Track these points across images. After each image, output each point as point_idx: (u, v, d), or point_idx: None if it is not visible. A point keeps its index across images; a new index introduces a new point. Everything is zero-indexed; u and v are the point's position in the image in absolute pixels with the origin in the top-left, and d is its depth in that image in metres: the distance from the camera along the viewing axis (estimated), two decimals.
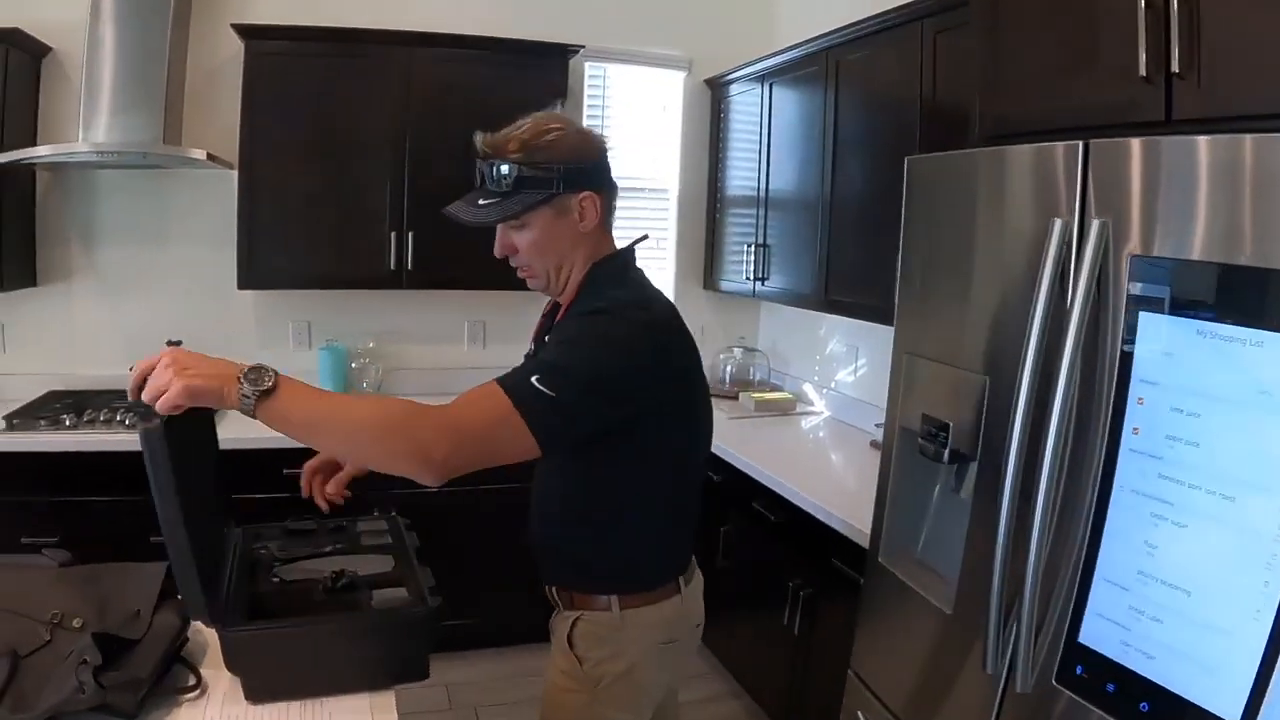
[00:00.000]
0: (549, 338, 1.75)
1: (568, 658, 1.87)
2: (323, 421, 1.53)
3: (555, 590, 1.93)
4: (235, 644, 1.59)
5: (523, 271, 1.82)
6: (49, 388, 4.00)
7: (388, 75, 3.88)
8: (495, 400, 1.52)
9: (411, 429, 1.49)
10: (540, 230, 1.74)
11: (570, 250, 1.78)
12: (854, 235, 3.39)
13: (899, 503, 2.32)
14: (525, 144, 1.68)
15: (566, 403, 1.54)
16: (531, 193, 1.69)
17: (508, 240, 1.77)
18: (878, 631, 2.41)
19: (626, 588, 1.85)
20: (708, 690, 3.83)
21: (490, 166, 1.70)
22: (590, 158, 1.76)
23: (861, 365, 4.03)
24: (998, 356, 1.93)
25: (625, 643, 1.84)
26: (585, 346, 1.63)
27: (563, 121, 1.76)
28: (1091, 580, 1.70)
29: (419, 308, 4.40)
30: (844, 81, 3.44)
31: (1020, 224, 1.88)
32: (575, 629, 1.86)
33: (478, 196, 1.73)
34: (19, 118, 3.69)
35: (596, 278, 1.80)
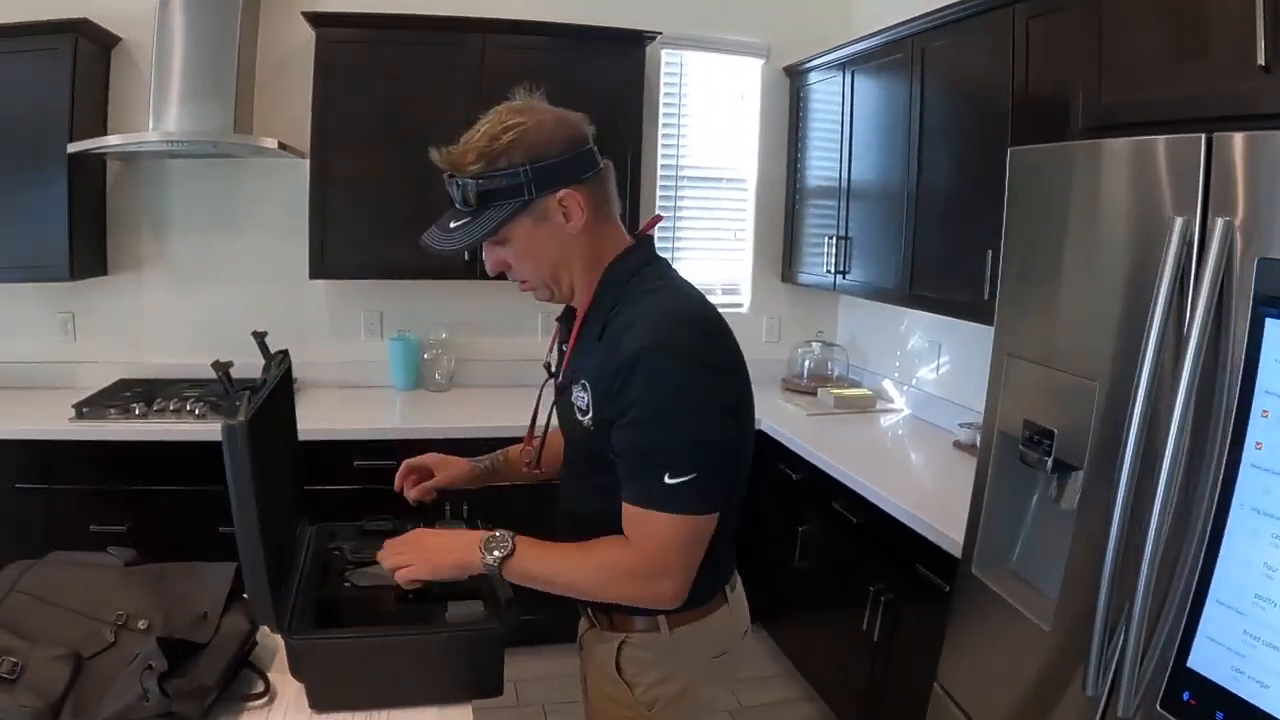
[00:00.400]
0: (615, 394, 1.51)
1: (616, 685, 1.73)
2: (556, 580, 1.57)
3: (592, 609, 1.78)
4: (300, 652, 1.54)
5: (521, 287, 1.66)
6: (119, 376, 4.04)
7: (460, 62, 3.82)
8: (654, 526, 1.49)
9: (625, 589, 1.54)
10: (523, 242, 1.56)
11: (564, 256, 1.60)
12: (940, 228, 3.27)
13: (994, 511, 2.22)
14: (483, 152, 1.50)
15: (702, 467, 1.47)
16: (500, 205, 1.52)
17: (496, 257, 1.61)
18: (967, 644, 2.31)
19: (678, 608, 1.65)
20: (780, 693, 3.75)
21: (452, 184, 1.54)
22: (560, 149, 1.54)
23: (944, 362, 3.91)
24: (1109, 361, 1.82)
25: (677, 663, 1.71)
26: (670, 410, 1.47)
27: (523, 113, 1.54)
28: (1204, 602, 1.61)
29: (492, 299, 4.36)
30: (930, 69, 3.32)
31: (1136, 221, 1.78)
32: (622, 655, 1.72)
33: (449, 219, 1.57)
34: (89, 108, 3.72)
35: (614, 280, 1.62)
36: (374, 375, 4.32)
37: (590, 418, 1.57)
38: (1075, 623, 1.88)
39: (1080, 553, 1.88)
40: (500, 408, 3.96)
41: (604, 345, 1.55)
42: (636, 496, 1.50)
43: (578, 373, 1.61)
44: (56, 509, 3.41)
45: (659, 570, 1.50)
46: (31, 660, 1.46)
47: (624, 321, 1.54)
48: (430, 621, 1.63)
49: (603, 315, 1.59)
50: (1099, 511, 1.77)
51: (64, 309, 4.05)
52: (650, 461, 1.47)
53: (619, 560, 1.52)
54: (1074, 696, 1.86)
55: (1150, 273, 1.66)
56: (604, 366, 1.52)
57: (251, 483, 1.40)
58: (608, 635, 1.74)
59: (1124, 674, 1.70)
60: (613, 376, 1.49)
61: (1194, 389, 1.57)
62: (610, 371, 1.50)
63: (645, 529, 1.49)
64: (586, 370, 1.58)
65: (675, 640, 1.69)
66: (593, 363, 1.57)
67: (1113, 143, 1.85)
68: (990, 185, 2.86)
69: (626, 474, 1.51)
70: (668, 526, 1.47)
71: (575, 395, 1.61)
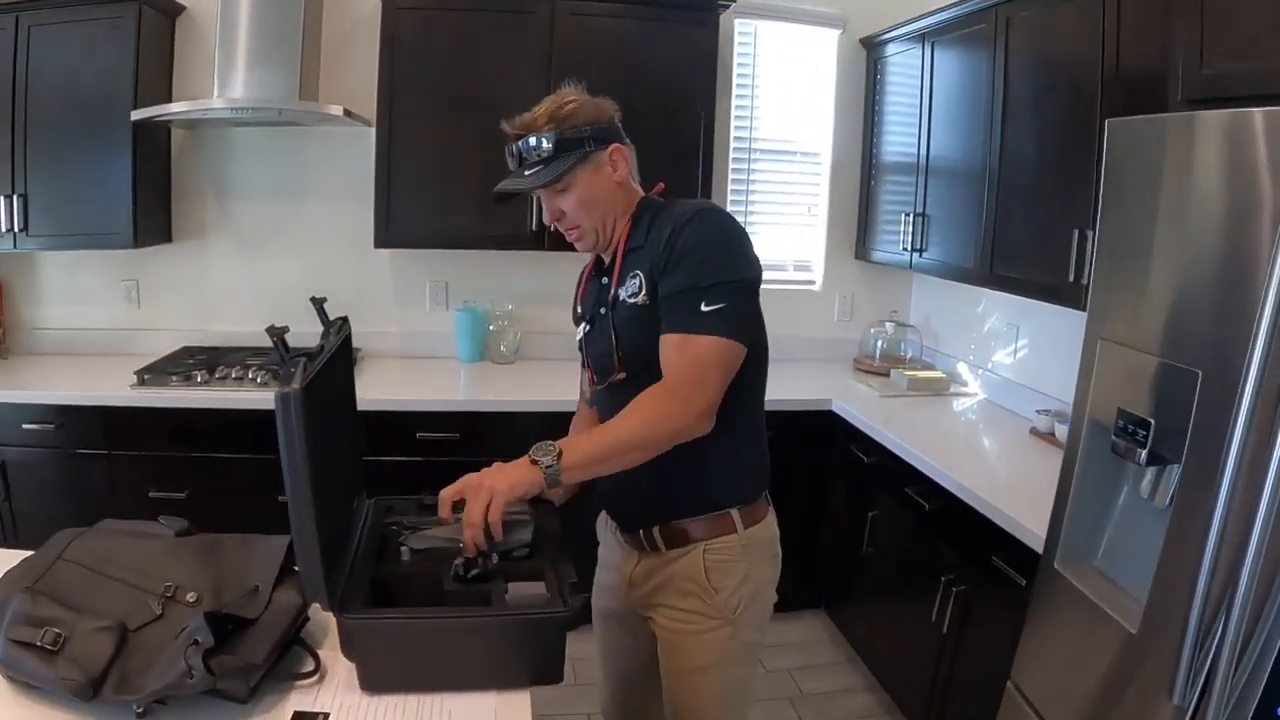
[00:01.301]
0: (666, 259, 1.78)
1: (702, 595, 1.90)
2: (608, 458, 1.71)
3: (661, 532, 1.94)
4: (352, 631, 1.49)
5: (572, 234, 1.93)
6: (182, 344, 4.06)
7: (530, 30, 3.75)
8: (691, 346, 1.72)
9: (665, 424, 1.70)
10: (583, 188, 1.87)
11: (611, 202, 1.90)
12: (1023, 207, 3.13)
13: (1081, 504, 2.11)
14: (553, 116, 1.84)
15: (733, 300, 1.73)
16: (570, 154, 1.84)
17: (554, 206, 1.90)
18: (1046, 644, 2.21)
19: (743, 498, 1.92)
20: (842, 681, 3.67)
21: (524, 143, 1.85)
22: (608, 118, 1.91)
23: (1022, 346, 3.77)
24: (1214, 348, 1.70)
25: (751, 564, 1.93)
26: (713, 248, 1.76)
27: (577, 94, 1.90)
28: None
29: (560, 270, 4.25)
30: (1014, 40, 3.17)
31: (1233, 198, 1.66)
32: (707, 562, 1.90)
33: (521, 171, 1.87)
34: (154, 76, 3.73)
35: (647, 207, 1.93)
36: (438, 346, 4.29)
37: (645, 293, 1.82)
38: (1165, 627, 1.77)
39: (1174, 553, 1.77)
40: (566, 381, 3.88)
41: (650, 242, 1.84)
42: (676, 325, 1.74)
43: (627, 275, 1.88)
44: (117, 475, 3.45)
45: (695, 389, 1.70)
46: (76, 632, 1.43)
47: (664, 219, 1.84)
48: (490, 603, 1.57)
49: (642, 230, 1.89)
50: (1197, 510, 1.65)
51: (128, 276, 4.08)
52: (690, 295, 1.73)
53: (656, 391, 1.71)
54: (1160, 705, 1.76)
55: (1253, 254, 1.54)
56: (653, 249, 1.81)
57: (305, 452, 1.36)
58: (680, 551, 1.92)
59: (1215, 684, 1.61)
60: (667, 243, 1.77)
61: None
62: (663, 242, 1.78)
63: (682, 350, 1.73)
64: (635, 264, 1.86)
65: (749, 540, 1.91)
66: (641, 256, 1.86)
67: (1207, 115, 1.73)
68: (1077, 163, 2.74)
69: (669, 314, 1.76)
70: (703, 346, 1.71)
71: (626, 290, 1.87)
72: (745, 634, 1.94)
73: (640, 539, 1.97)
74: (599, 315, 1.96)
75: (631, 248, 1.90)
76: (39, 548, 1.64)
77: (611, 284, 1.91)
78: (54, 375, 3.70)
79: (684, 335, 1.73)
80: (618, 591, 2.08)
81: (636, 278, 1.84)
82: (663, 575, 1.95)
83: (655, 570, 1.96)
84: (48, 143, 3.55)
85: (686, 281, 1.74)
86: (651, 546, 1.95)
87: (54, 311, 4.09)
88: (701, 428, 1.72)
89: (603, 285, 1.97)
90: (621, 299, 1.87)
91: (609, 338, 1.90)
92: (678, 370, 1.72)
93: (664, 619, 1.96)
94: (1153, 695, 1.79)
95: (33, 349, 4.06)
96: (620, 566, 2.05)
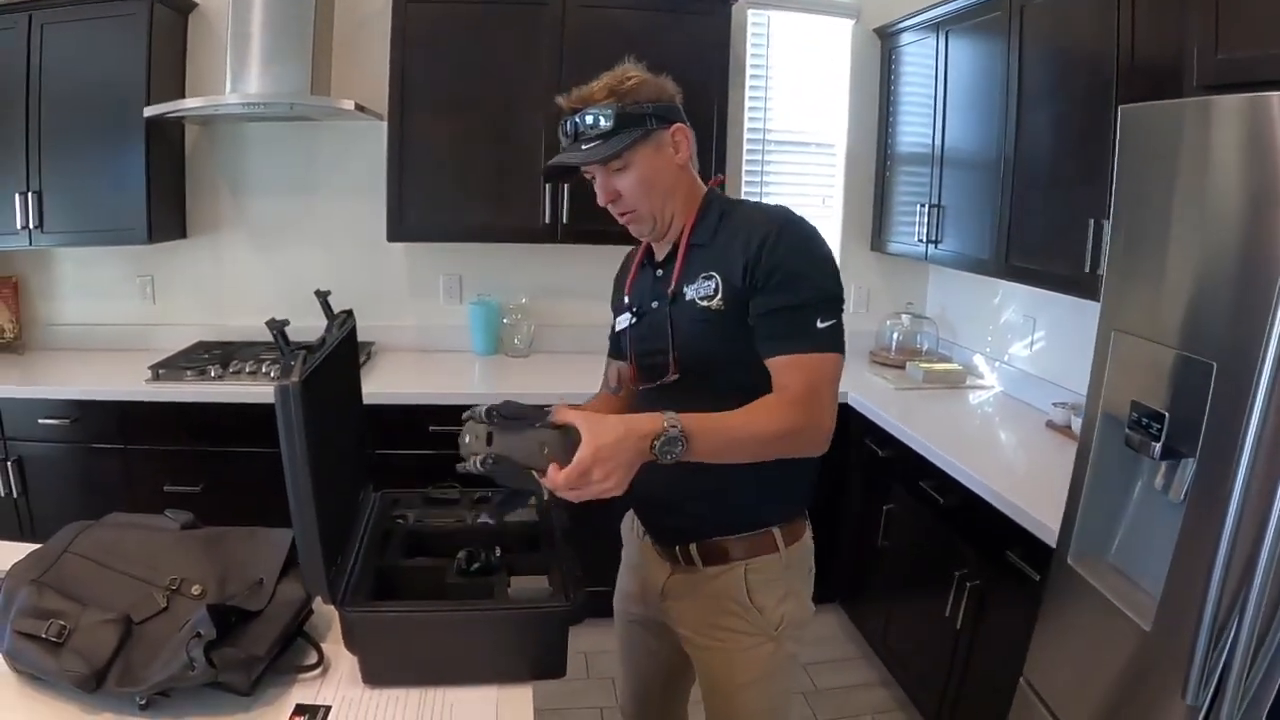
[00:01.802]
0: (762, 274, 1.68)
1: (744, 615, 1.84)
2: (732, 457, 1.61)
3: (699, 548, 1.86)
4: (354, 624, 1.49)
5: (626, 217, 1.83)
6: (197, 338, 4.07)
7: (540, 24, 3.74)
8: (813, 365, 1.65)
9: (797, 438, 1.62)
10: (643, 167, 1.76)
11: (672, 186, 1.81)
12: (1039, 197, 3.10)
13: (1095, 498, 2.08)
14: (612, 89, 1.74)
15: (838, 315, 1.69)
16: (630, 131, 1.73)
17: (610, 185, 1.79)
18: (1058, 640, 2.18)
19: (787, 516, 1.87)
20: (857, 676, 3.65)
21: (582, 117, 1.74)
22: (670, 96, 1.81)
23: (1039, 338, 3.73)
24: (1227, 339, 1.67)
25: (791, 580, 1.88)
26: (814, 263, 1.70)
27: (639, 69, 1.80)
28: None
29: (574, 262, 4.27)
30: (1029, 28, 3.14)
31: (1251, 184, 1.63)
32: (749, 582, 1.84)
33: (578, 145, 1.76)
34: (166, 72, 3.75)
35: (715, 201, 1.85)
36: (453, 339, 4.30)
37: (720, 298, 1.72)
38: (1178, 624, 1.75)
39: (1188, 549, 1.75)
40: (581, 374, 3.88)
41: (720, 242, 1.77)
42: (792, 345, 1.66)
43: (693, 272, 1.78)
44: (133, 469, 3.47)
45: (824, 409, 1.64)
46: (81, 624, 1.45)
47: (739, 222, 1.77)
48: (492, 597, 1.57)
49: (710, 226, 1.80)
50: (1212, 504, 1.63)
51: (143, 272, 4.11)
52: (801, 313, 1.66)
53: (784, 402, 1.62)
54: (1173, 704, 1.74)
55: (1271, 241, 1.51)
56: (729, 250, 1.73)
57: (305, 445, 1.36)
58: (720, 569, 1.84)
59: (1229, 683, 1.58)
60: (759, 254, 1.67)
61: None
62: (751, 251, 1.68)
63: (802, 369, 1.65)
64: (706, 264, 1.76)
65: (789, 558, 1.86)
66: (712, 256, 1.76)
67: (1224, 100, 1.71)
68: (1093, 152, 2.70)
69: (775, 330, 1.67)
70: (823, 363, 1.65)
71: (695, 290, 1.77)
72: (786, 648, 1.89)
73: (675, 553, 1.90)
74: (651, 309, 1.87)
75: (697, 243, 1.81)
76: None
77: (671, 278, 1.82)
78: (70, 370, 3.73)
79: (804, 355, 1.65)
80: (646, 599, 2.02)
81: (711, 279, 1.74)
82: (700, 593, 1.88)
83: (692, 586, 1.89)
84: (62, 140, 3.57)
85: (795, 298, 1.66)
86: (687, 561, 1.88)
87: (70, 307, 4.12)
88: (824, 448, 1.68)
89: (657, 277, 1.88)
90: (687, 297, 1.78)
91: (664, 334, 1.81)
92: (806, 387, 1.63)
93: (702, 637, 1.91)
94: (1166, 693, 1.77)
95: (49, 344, 4.09)
96: (650, 576, 1.99)
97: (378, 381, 3.71)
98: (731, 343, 1.72)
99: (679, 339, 1.79)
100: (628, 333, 1.94)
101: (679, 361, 1.79)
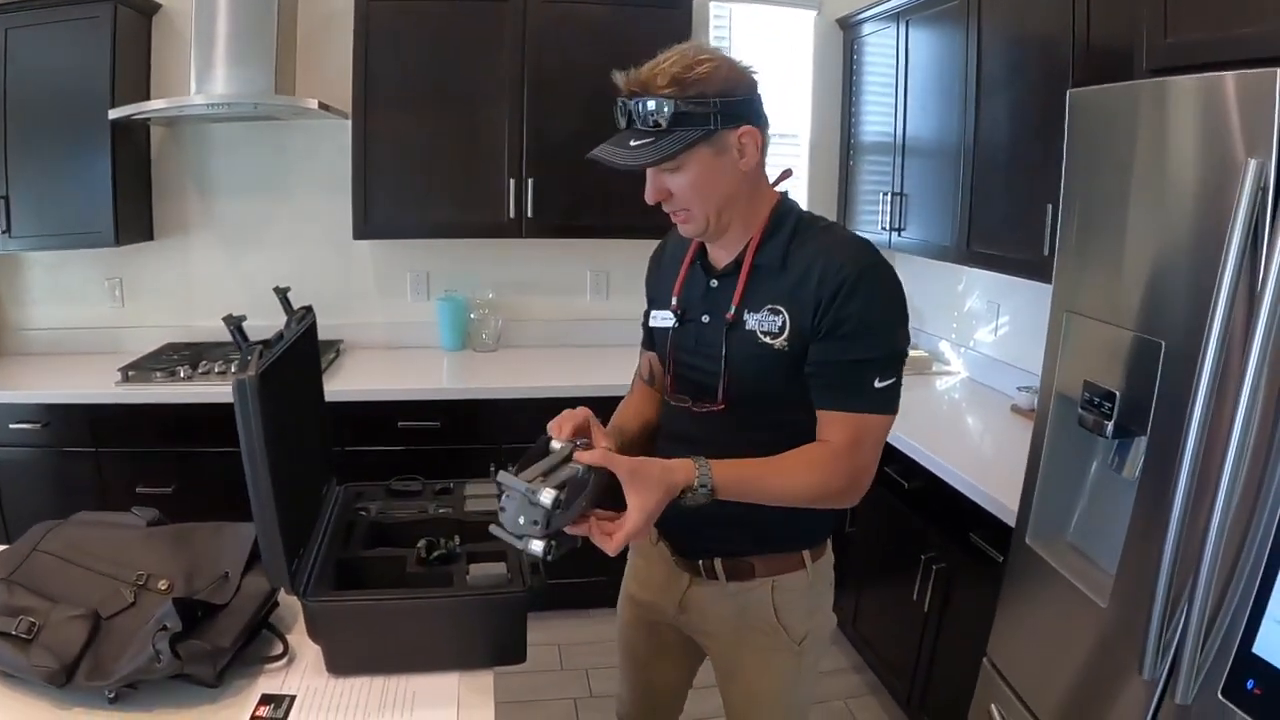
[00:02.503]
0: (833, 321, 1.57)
1: (775, 629, 1.80)
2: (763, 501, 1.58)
3: (724, 563, 1.79)
4: (316, 614, 1.52)
5: (678, 216, 1.67)
6: (166, 340, 4.06)
7: (502, 18, 3.74)
8: (864, 426, 1.59)
9: (830, 497, 1.61)
10: (699, 171, 1.58)
11: (733, 192, 1.63)
12: (999, 183, 3.13)
13: (1051, 479, 2.12)
14: (676, 78, 1.52)
15: (898, 374, 1.61)
16: (688, 130, 1.53)
17: (661, 184, 1.61)
18: (1019, 619, 2.22)
19: (816, 539, 1.82)
20: (828, 663, 3.65)
21: (638, 104, 1.54)
22: (744, 91, 1.59)
23: (1003, 323, 3.78)
24: (1176, 318, 1.71)
25: (815, 596, 1.83)
26: (887, 318, 1.61)
27: (712, 52, 1.58)
28: (1273, 582, 1.50)
29: (540, 257, 4.31)
30: (987, 17, 3.17)
31: (1205, 165, 1.66)
32: (776, 599, 1.78)
33: (627, 138, 1.56)
34: (131, 75, 3.73)
35: (786, 216, 1.70)
36: (421, 336, 4.30)
37: (785, 339, 1.61)
38: (1133, 601, 1.78)
39: (1140, 526, 1.78)
40: (549, 368, 3.92)
41: (791, 272, 1.63)
42: (844, 402, 1.59)
43: (758, 300, 1.65)
44: (105, 472, 3.47)
45: (865, 471, 1.61)
46: (50, 620, 1.48)
47: (814, 251, 1.62)
48: (451, 584, 1.59)
49: (780, 246, 1.66)
50: (1162, 481, 1.66)
51: (112, 275, 4.09)
52: (863, 368, 1.57)
53: (826, 456, 1.59)
54: (1130, 679, 1.77)
55: (1222, 221, 1.54)
56: (802, 286, 1.60)
57: (263, 439, 1.37)
58: (744, 585, 1.78)
59: (1184, 658, 1.61)
60: (831, 294, 1.56)
61: (1269, 348, 1.46)
62: (825, 289, 1.56)
63: (850, 428, 1.59)
64: (773, 295, 1.64)
65: (814, 575, 1.80)
66: (780, 287, 1.63)
67: (1179, 81, 1.73)
68: (1051, 137, 2.72)
69: (829, 382, 1.60)
70: (872, 424, 1.60)
71: (759, 321, 1.65)
72: (810, 658, 1.85)
73: (697, 566, 1.81)
74: (700, 322, 1.74)
75: (763, 262, 1.67)
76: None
77: (732, 299, 1.68)
78: (40, 375, 3.71)
79: (859, 415, 1.58)
80: (661, 609, 1.93)
81: (779, 315, 1.62)
82: (724, 607, 1.82)
83: (714, 600, 1.82)
84: (28, 144, 3.55)
85: (857, 354, 1.57)
86: (709, 575, 1.79)
87: (40, 312, 4.10)
88: (856, 501, 1.64)
89: (711, 287, 1.74)
90: (748, 326, 1.66)
91: (715, 359, 1.70)
92: (849, 446, 1.58)
93: (726, 650, 1.87)
94: (1124, 669, 1.80)
95: (20, 350, 4.07)
96: (667, 586, 1.90)
97: (347, 379, 3.71)
98: (788, 384, 1.64)
99: (733, 370, 1.68)
100: (669, 335, 1.80)
101: (727, 390, 1.69)
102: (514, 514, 1.37)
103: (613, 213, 3.83)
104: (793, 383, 1.63)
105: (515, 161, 3.82)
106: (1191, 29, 1.93)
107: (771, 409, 1.67)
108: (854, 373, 1.57)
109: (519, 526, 1.36)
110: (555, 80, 3.77)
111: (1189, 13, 1.93)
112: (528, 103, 3.78)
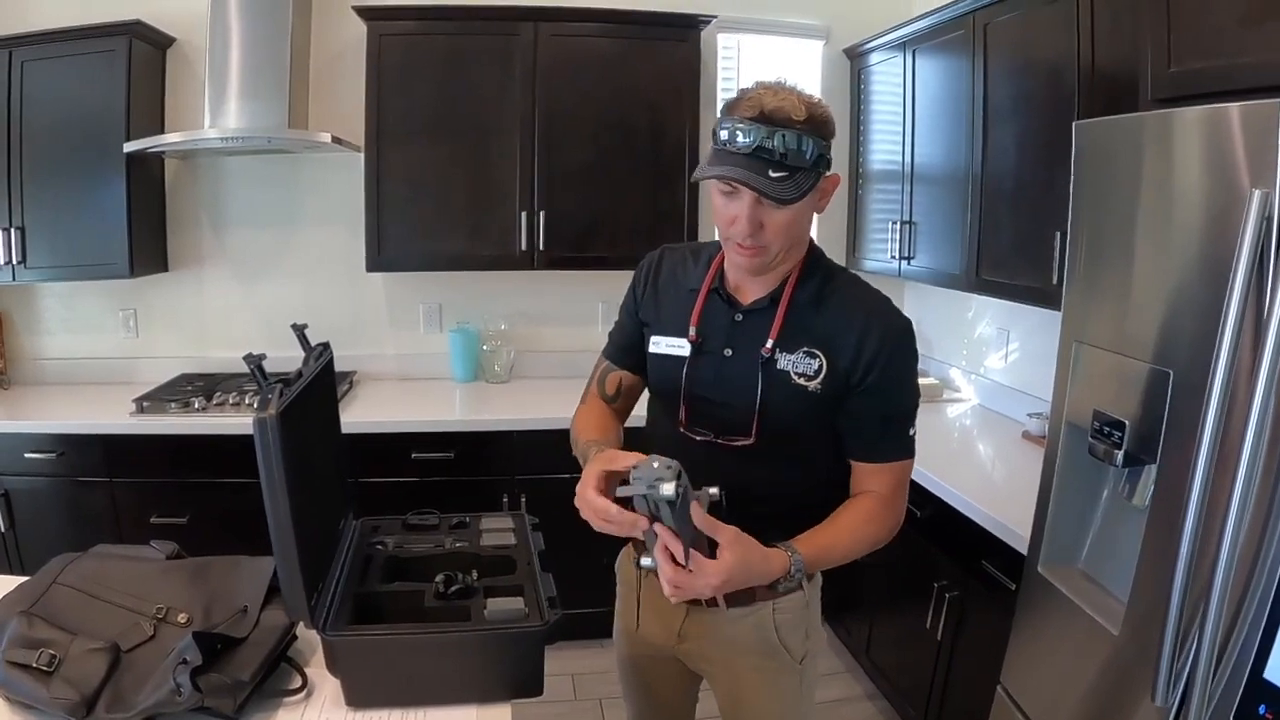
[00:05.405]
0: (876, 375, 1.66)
1: (773, 655, 1.83)
2: (843, 559, 1.70)
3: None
4: (335, 648, 1.52)
5: (749, 251, 1.61)
6: (181, 371, 4.09)
7: (513, 52, 3.78)
8: (904, 474, 1.76)
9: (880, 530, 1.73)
10: (799, 210, 1.58)
11: (806, 234, 1.70)
12: (1007, 212, 3.15)
13: (1062, 507, 2.13)
14: (813, 116, 1.52)
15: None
16: (815, 171, 1.54)
17: (758, 218, 1.56)
18: (1032, 646, 2.22)
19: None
20: (843, 690, 3.67)
21: (782, 136, 1.49)
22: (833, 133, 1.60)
23: (1013, 350, 3.79)
24: (1184, 347, 1.72)
25: (810, 615, 1.88)
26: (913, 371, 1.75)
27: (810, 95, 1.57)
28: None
29: (552, 289, 4.33)
30: (993, 46, 3.20)
31: (1210, 195, 1.68)
32: (776, 621, 1.82)
33: (764, 167, 1.50)
34: (145, 108, 3.78)
35: (819, 258, 1.76)
36: (433, 367, 4.32)
37: (820, 382, 1.66)
38: (1145, 628, 1.79)
39: (1152, 553, 1.79)
40: (561, 399, 3.90)
41: (825, 315, 1.68)
42: (892, 452, 1.73)
43: (793, 341, 1.68)
44: (119, 501, 3.48)
45: (901, 507, 1.75)
46: (70, 653, 1.48)
47: (847, 300, 1.70)
48: (469, 619, 1.59)
49: (814, 289, 1.70)
50: (1172, 509, 1.67)
51: (126, 306, 4.13)
52: (901, 422, 1.72)
53: (873, 507, 1.71)
54: (1143, 706, 1.78)
55: (1227, 251, 1.55)
56: (840, 335, 1.66)
57: (284, 475, 1.39)
58: (744, 611, 1.79)
59: (1196, 684, 1.61)
60: (874, 350, 1.64)
61: (1276, 376, 1.47)
62: (868, 344, 1.64)
63: (893, 475, 1.73)
64: (810, 338, 1.67)
65: (810, 594, 1.86)
66: (816, 331, 1.67)
67: (1184, 112, 1.75)
68: (1058, 165, 2.75)
69: (874, 434, 1.71)
70: (909, 469, 1.76)
71: (793, 363, 1.68)
72: (810, 675, 1.89)
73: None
74: (722, 356, 1.73)
75: (797, 304, 1.68)
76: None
77: (767, 336, 1.68)
78: (55, 405, 3.75)
79: (896, 463, 1.73)
80: (659, 638, 1.92)
81: (815, 359, 1.65)
82: (724, 634, 1.82)
83: (714, 627, 1.83)
84: (43, 175, 3.60)
85: (898, 408, 1.72)
86: (709, 602, 1.68)
87: (54, 342, 4.14)
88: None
89: (736, 321, 1.73)
90: (780, 365, 1.67)
91: (747, 396, 1.68)
92: (893, 493, 1.73)
93: (728, 676, 1.89)
94: (1136, 696, 1.80)
95: (34, 379, 4.10)
96: (663, 616, 1.89)
97: (360, 411, 3.73)
98: (819, 425, 1.71)
99: (768, 407, 1.68)
100: (684, 367, 1.76)
101: (760, 429, 1.68)
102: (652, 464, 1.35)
103: (623, 244, 3.86)
104: (820, 423, 1.72)
105: (526, 194, 3.85)
106: (1195, 59, 1.95)
107: (796, 445, 1.73)
108: (894, 425, 1.71)
109: (653, 471, 1.33)
110: (566, 113, 3.81)
111: (1192, 42, 1.95)
112: (538, 135, 3.81)
